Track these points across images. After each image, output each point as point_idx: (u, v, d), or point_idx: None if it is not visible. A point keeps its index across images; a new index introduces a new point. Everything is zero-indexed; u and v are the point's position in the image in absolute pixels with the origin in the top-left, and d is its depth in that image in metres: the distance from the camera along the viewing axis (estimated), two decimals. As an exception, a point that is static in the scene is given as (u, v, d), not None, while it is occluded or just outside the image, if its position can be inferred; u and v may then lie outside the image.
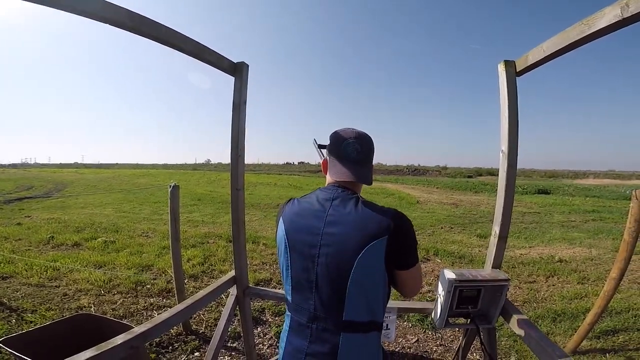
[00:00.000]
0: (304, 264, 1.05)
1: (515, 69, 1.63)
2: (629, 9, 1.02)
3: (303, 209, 1.09)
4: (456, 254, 5.74)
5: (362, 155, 1.10)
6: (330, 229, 1.01)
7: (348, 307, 1.00)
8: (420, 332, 3.22)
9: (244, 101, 1.87)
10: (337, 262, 0.99)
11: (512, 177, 1.67)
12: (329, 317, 1.02)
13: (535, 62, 1.50)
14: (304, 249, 1.04)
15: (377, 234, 0.97)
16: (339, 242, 0.99)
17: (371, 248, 0.96)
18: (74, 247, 5.67)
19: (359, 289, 0.99)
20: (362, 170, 1.10)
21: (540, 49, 1.44)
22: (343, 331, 1.01)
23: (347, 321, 1.01)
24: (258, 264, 4.99)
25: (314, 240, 1.02)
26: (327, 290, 1.01)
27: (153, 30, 1.37)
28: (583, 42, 1.25)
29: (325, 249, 1.01)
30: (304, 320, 1.07)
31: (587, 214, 11.07)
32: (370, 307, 1.02)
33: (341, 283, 0.99)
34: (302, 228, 1.06)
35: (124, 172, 36.98)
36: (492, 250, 1.74)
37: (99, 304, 3.49)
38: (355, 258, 0.96)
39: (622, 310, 3.58)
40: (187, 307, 1.71)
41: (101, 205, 11.34)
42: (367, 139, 1.13)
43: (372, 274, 0.99)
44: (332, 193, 1.08)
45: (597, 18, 1.15)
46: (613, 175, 61.24)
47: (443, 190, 22.15)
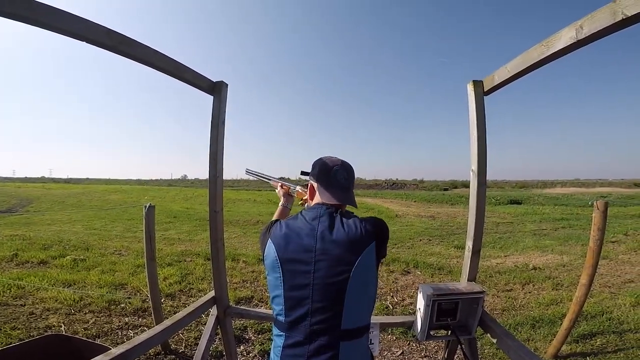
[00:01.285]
0: (298, 282, 1.08)
1: (483, 89, 1.69)
2: (583, 31, 1.09)
3: (292, 229, 1.14)
4: (435, 266, 5.82)
5: (348, 181, 1.23)
6: (323, 245, 1.07)
7: (345, 317, 1.05)
8: (404, 344, 3.22)
9: (222, 121, 1.85)
10: (333, 274, 1.05)
11: (482, 195, 1.74)
12: (328, 330, 1.06)
13: (501, 82, 1.57)
14: (297, 267, 1.08)
15: (367, 242, 1.07)
16: (333, 255, 1.06)
17: (365, 255, 1.06)
18: (40, 265, 5.41)
19: (355, 297, 1.05)
20: (349, 194, 1.23)
21: (504, 69, 1.51)
22: (342, 340, 1.06)
23: (345, 330, 1.06)
24: (238, 282, 4.88)
25: (308, 257, 1.07)
26: (325, 303, 1.05)
27: (131, 49, 1.36)
28: (543, 62, 1.32)
29: (320, 264, 1.06)
30: (300, 337, 1.08)
31: (557, 222, 11.52)
32: (364, 311, 1.10)
33: (339, 295, 1.04)
34: (295, 247, 1.10)
35: (94, 188, 35.63)
36: (467, 263, 1.80)
37: (70, 323, 3.33)
38: (352, 268, 1.04)
39: (597, 314, 3.71)
40: (166, 328, 1.66)
41: (70, 222, 10.87)
42: (350, 166, 1.26)
43: (367, 278, 1.08)
44: (318, 211, 1.16)
45: (555, 39, 1.21)
46: (578, 183, 64.24)
47: (421, 204, 22.55)
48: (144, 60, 1.44)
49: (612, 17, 0.98)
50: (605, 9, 1.00)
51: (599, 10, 1.03)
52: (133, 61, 1.43)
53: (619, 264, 5.85)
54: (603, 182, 65.09)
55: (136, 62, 1.43)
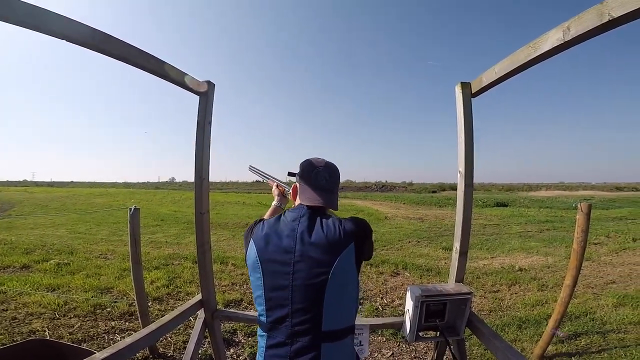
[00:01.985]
0: (278, 283, 1.08)
1: (471, 90, 1.70)
2: (570, 32, 1.11)
3: (273, 230, 1.14)
4: (424, 267, 5.86)
5: (330, 183, 1.21)
6: (302, 247, 1.07)
7: (326, 318, 1.05)
8: (394, 345, 3.23)
9: (208, 122, 1.84)
10: (312, 276, 1.05)
11: (469, 196, 1.76)
12: (309, 331, 1.05)
13: (489, 84, 1.58)
14: (277, 267, 1.08)
15: (345, 242, 1.07)
16: (312, 257, 1.05)
17: (344, 256, 1.06)
18: (22, 269, 5.28)
19: (335, 299, 1.05)
20: (330, 196, 1.21)
21: (492, 71, 1.52)
22: (323, 342, 1.05)
23: (326, 332, 1.06)
24: (227, 285, 4.83)
25: (288, 258, 1.07)
26: (305, 305, 1.05)
27: (115, 48, 1.33)
28: (530, 64, 1.33)
29: (299, 265, 1.06)
30: (282, 338, 1.08)
31: (542, 224, 11.71)
32: (345, 312, 1.09)
33: (318, 296, 1.04)
34: (275, 248, 1.11)
35: (79, 191, 34.86)
36: (454, 265, 1.81)
37: (54, 328, 3.25)
38: (330, 269, 1.04)
39: (581, 314, 3.78)
40: (152, 332, 1.64)
41: (53, 226, 10.59)
42: (334, 168, 1.25)
43: (347, 280, 1.07)
44: (299, 212, 1.17)
45: (542, 41, 1.22)
46: (562, 186, 65.54)
47: (409, 206, 22.69)
48: (129, 60, 1.41)
49: (599, 19, 0.99)
50: (592, 10, 1.01)
51: (585, 12, 1.04)
52: (118, 62, 1.40)
53: (601, 265, 5.99)
54: (586, 186, 66.62)
55: (121, 61, 1.41)
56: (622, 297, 4.20)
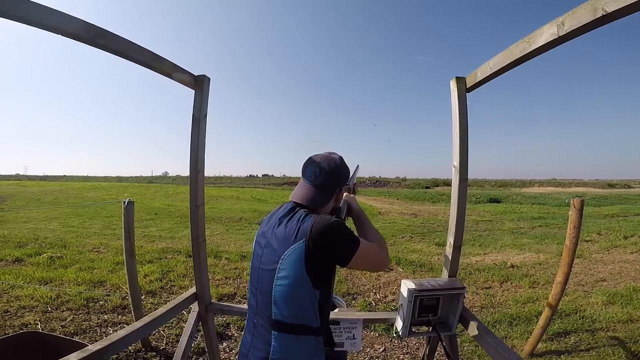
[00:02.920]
0: (254, 264, 1.19)
1: (466, 85, 1.70)
2: (564, 27, 1.10)
3: (265, 222, 1.24)
4: (417, 263, 5.89)
5: (319, 179, 1.16)
6: (271, 234, 1.14)
7: (275, 308, 1.07)
8: (387, 341, 3.25)
9: (204, 116, 1.82)
10: (266, 267, 1.11)
11: (463, 190, 1.75)
12: (264, 315, 1.11)
13: (484, 78, 1.57)
14: (256, 257, 1.19)
15: (295, 239, 1.05)
16: (270, 250, 1.12)
17: (289, 253, 1.05)
18: (15, 263, 5.24)
19: (284, 292, 1.06)
20: (316, 194, 1.16)
21: (487, 66, 1.51)
22: (273, 330, 1.08)
23: (276, 321, 1.08)
24: (221, 279, 4.82)
25: (264, 242, 1.17)
26: (262, 287, 1.12)
27: (110, 42, 1.31)
28: (525, 59, 1.32)
29: (265, 250, 1.14)
30: (251, 315, 1.20)
31: (534, 221, 11.83)
32: (298, 311, 1.07)
33: (269, 284, 1.09)
34: (260, 239, 1.20)
35: (72, 185, 34.45)
36: (448, 259, 1.81)
37: (46, 321, 3.24)
38: (277, 263, 1.07)
39: (571, 312, 3.81)
40: (145, 325, 1.63)
41: (46, 219, 10.49)
42: (331, 164, 1.18)
43: (294, 275, 1.04)
44: (286, 207, 1.21)
45: (536, 36, 1.21)
46: (555, 183, 66.00)
47: (403, 201, 22.79)
48: (124, 53, 1.39)
49: (593, 14, 0.99)
50: (587, 5, 1.01)
51: (580, 7, 1.04)
52: (112, 56, 1.39)
53: (592, 263, 6.03)
54: (578, 182, 67.21)
55: (115, 55, 1.39)
56: (612, 295, 4.23)
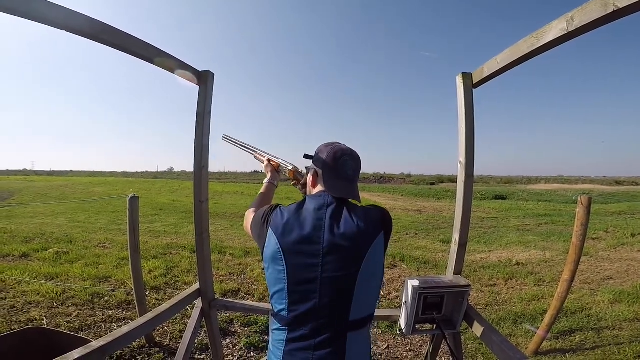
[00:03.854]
0: (304, 276, 1.02)
1: (472, 81, 1.68)
2: (574, 23, 1.08)
3: (296, 218, 1.06)
4: (421, 260, 5.88)
5: (356, 173, 1.18)
6: (330, 237, 1.02)
7: (354, 308, 1.02)
8: (390, 338, 3.24)
9: (208, 111, 1.82)
10: (343, 267, 1.01)
11: (469, 187, 1.73)
12: (335, 322, 1.03)
13: (491, 74, 1.55)
14: (303, 260, 1.02)
15: (375, 233, 1.05)
16: (342, 248, 1.01)
17: (375, 246, 1.04)
18: (21, 258, 5.28)
19: (364, 288, 1.03)
20: (354, 188, 1.17)
21: (494, 61, 1.49)
22: (349, 331, 1.04)
23: (353, 321, 1.04)
24: (225, 275, 4.84)
25: (314, 250, 1.01)
26: (334, 296, 1.01)
27: (113, 37, 1.31)
28: (533, 54, 1.30)
29: (329, 257, 1.01)
30: (306, 331, 1.03)
31: (540, 218, 11.76)
32: (371, 302, 1.09)
33: (349, 286, 1.01)
34: (299, 238, 1.03)
35: (78, 180, 34.84)
36: (453, 257, 1.79)
37: (52, 317, 3.26)
38: (361, 261, 1.01)
39: (576, 310, 3.78)
40: (149, 321, 1.62)
41: (53, 214, 10.61)
42: (358, 157, 1.20)
43: (376, 270, 1.06)
44: (325, 199, 1.10)
45: (545, 32, 1.19)
46: (562, 180, 65.45)
47: (408, 198, 22.75)
48: (128, 49, 1.39)
49: (604, 9, 0.96)
50: (597, 0, 0.98)
51: (590, 2, 1.01)
52: (117, 52, 1.39)
53: (599, 261, 5.98)
54: (585, 180, 66.63)
55: (119, 51, 1.39)
56: (619, 294, 4.19)
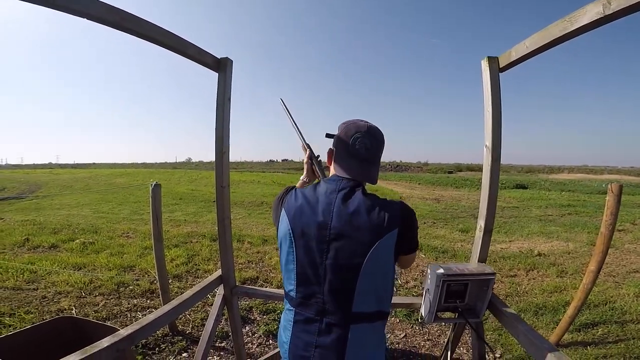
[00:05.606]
0: (311, 259, 1.03)
1: (499, 65, 1.63)
2: (611, 6, 1.02)
3: (308, 201, 1.06)
4: (439, 249, 5.82)
5: (371, 152, 1.09)
6: (339, 223, 1.00)
7: (357, 299, 1.01)
8: (407, 327, 3.24)
9: (228, 98, 1.83)
10: (347, 256, 0.99)
11: (496, 171, 1.69)
12: (338, 310, 1.02)
13: (519, 58, 1.50)
14: (311, 243, 1.02)
15: (388, 227, 0.98)
16: (349, 236, 0.99)
17: (383, 242, 0.98)
18: (51, 249, 5.48)
19: (369, 281, 1.00)
20: (369, 168, 1.09)
21: (523, 45, 1.44)
22: (352, 323, 1.02)
23: (356, 313, 1.02)
24: (244, 263, 4.93)
25: (323, 234, 1.01)
26: (337, 284, 1.01)
27: (134, 25, 1.32)
28: (565, 38, 1.26)
29: (335, 244, 1.00)
30: (311, 314, 1.06)
31: (563, 208, 11.41)
32: (378, 297, 1.04)
33: (352, 277, 0.99)
34: (309, 222, 1.03)
35: (101, 172, 35.79)
36: (477, 244, 1.76)
37: (81, 306, 3.39)
38: (367, 252, 0.97)
39: (600, 303, 3.69)
40: (173, 308, 1.67)
41: (78, 206, 10.97)
42: (377, 134, 1.11)
43: (382, 266, 1.01)
44: (337, 184, 1.06)
45: (579, 15, 1.15)
46: (586, 170, 63.27)
47: (425, 186, 22.46)
48: (148, 36, 1.40)
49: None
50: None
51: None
52: (138, 42, 1.39)
53: (624, 253, 5.79)
54: (611, 170, 64.24)
55: (140, 38, 1.40)
56: (645, 287, 4.05)
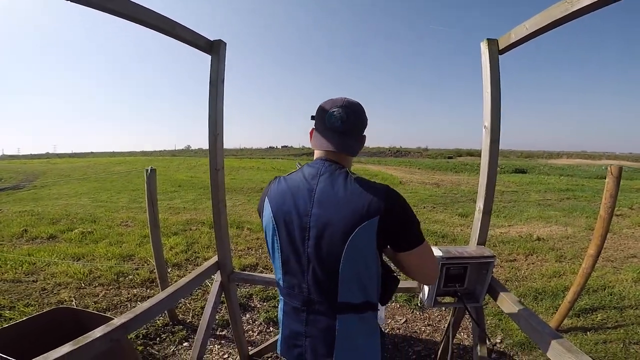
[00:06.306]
0: (294, 247, 1.00)
1: (498, 47, 1.62)
2: None
3: (290, 187, 1.03)
4: (439, 234, 5.83)
5: (348, 124, 1.02)
6: (319, 210, 0.96)
7: (342, 289, 0.97)
8: (408, 312, 3.26)
9: (221, 80, 1.80)
10: (327, 244, 0.94)
11: (495, 152, 1.67)
12: (324, 300, 1.00)
13: (518, 40, 1.50)
14: (293, 231, 0.99)
15: (367, 215, 0.91)
16: (329, 223, 0.94)
17: (362, 230, 0.91)
18: (49, 239, 5.47)
19: (351, 270, 0.95)
20: (345, 140, 1.02)
21: (523, 27, 1.44)
22: (338, 313, 1.00)
23: (342, 303, 0.99)
24: (243, 249, 4.93)
25: (303, 221, 0.97)
26: (320, 273, 0.98)
27: (120, 6, 1.27)
28: (566, 20, 1.25)
29: (314, 231, 0.96)
30: (298, 304, 1.04)
31: (562, 193, 11.40)
32: (363, 287, 0.99)
33: (333, 265, 0.95)
34: (290, 209, 1.00)
35: (99, 161, 35.59)
36: (476, 226, 1.75)
37: (80, 297, 3.38)
38: (346, 240, 0.92)
39: (599, 288, 3.70)
40: (169, 296, 1.66)
41: (76, 195, 10.93)
42: (355, 107, 1.05)
43: (363, 256, 0.95)
44: (318, 168, 1.01)
45: None
46: (585, 155, 63.36)
47: (425, 171, 22.41)
48: (137, 18, 1.35)
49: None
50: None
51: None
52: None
53: (622, 238, 5.80)
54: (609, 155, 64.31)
55: (128, 20, 1.35)
56: (644, 273, 4.06)
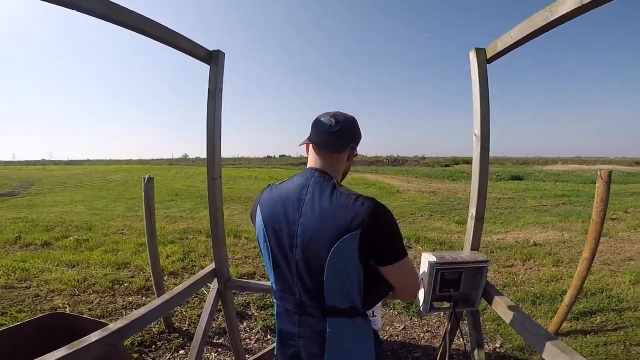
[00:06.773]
0: (283, 253, 1.04)
1: (486, 56, 1.66)
2: None
3: (280, 196, 1.07)
4: (436, 241, 5.86)
5: (335, 127, 1.05)
6: (305, 220, 0.99)
7: (327, 295, 1.01)
8: (406, 319, 3.26)
9: (219, 89, 1.82)
10: (312, 252, 0.98)
11: (485, 160, 1.70)
12: (314, 303, 1.03)
13: (504, 49, 1.53)
14: (282, 238, 1.03)
15: (349, 228, 0.93)
16: (313, 233, 0.98)
17: (343, 243, 0.94)
18: (43, 246, 5.45)
19: (334, 278, 0.99)
20: (332, 140, 1.06)
21: (507, 36, 1.48)
22: (328, 317, 1.03)
23: (330, 306, 1.02)
24: (240, 258, 4.92)
25: (291, 230, 1.01)
26: (308, 278, 1.01)
27: (122, 16, 1.30)
28: (547, 28, 1.29)
29: (301, 240, 0.99)
30: (290, 306, 1.08)
31: (558, 198, 11.49)
32: (347, 294, 1.02)
33: (319, 273, 0.99)
34: (280, 217, 1.03)
35: (95, 168, 35.50)
36: (469, 232, 1.77)
37: (74, 304, 3.36)
38: (329, 251, 0.95)
39: (597, 291, 3.72)
40: (164, 302, 1.65)
41: (72, 202, 10.90)
42: (346, 116, 1.10)
43: (345, 266, 0.98)
44: (308, 178, 1.05)
45: (559, 4, 1.18)
46: (580, 161, 63.81)
47: (422, 179, 22.48)
48: (138, 28, 1.39)
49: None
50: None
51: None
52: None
53: (618, 242, 5.85)
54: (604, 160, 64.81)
55: (130, 30, 1.38)
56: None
